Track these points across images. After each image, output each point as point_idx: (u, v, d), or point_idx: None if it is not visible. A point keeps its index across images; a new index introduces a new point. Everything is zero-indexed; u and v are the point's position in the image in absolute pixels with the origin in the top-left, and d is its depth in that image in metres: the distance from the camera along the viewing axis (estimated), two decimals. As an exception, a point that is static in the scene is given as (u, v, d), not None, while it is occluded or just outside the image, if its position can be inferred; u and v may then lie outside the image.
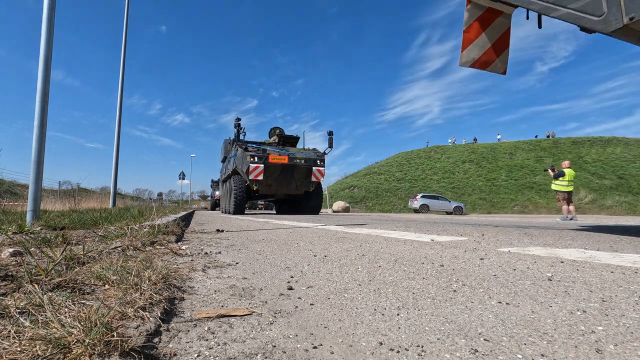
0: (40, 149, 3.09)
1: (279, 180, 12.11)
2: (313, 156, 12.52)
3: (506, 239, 2.56)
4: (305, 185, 12.67)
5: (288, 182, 12.32)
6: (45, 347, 0.58)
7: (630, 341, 0.70)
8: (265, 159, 11.47)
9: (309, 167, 12.26)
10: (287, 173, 12.00)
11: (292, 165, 11.95)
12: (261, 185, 11.91)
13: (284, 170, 11.90)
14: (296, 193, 12.95)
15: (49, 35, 3.21)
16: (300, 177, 12.37)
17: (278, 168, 11.77)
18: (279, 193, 12.73)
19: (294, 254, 1.99)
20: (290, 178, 12.25)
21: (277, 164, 11.71)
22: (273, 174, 11.83)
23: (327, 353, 0.67)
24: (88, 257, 1.37)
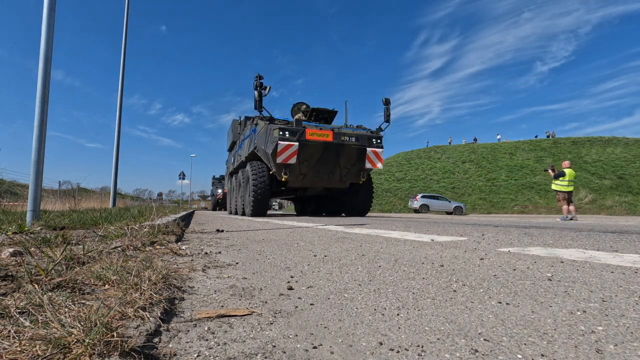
0: (40, 149, 3.09)
1: (317, 167, 8.46)
2: (366, 133, 8.74)
3: (506, 239, 2.56)
4: (353, 174, 9.00)
5: (331, 169, 8.64)
6: (45, 347, 0.58)
7: (630, 341, 0.70)
8: (300, 134, 7.82)
9: (362, 147, 8.47)
10: (330, 156, 8.36)
11: (339, 145, 8.25)
12: (293, 174, 8.26)
13: (327, 151, 8.23)
14: (339, 186, 9.27)
15: (49, 35, 3.21)
16: (349, 162, 8.62)
17: (318, 148, 8.10)
18: (315, 186, 9.07)
19: (294, 254, 1.99)
20: (334, 164, 8.56)
21: (317, 142, 8.00)
22: (311, 157, 8.19)
23: (327, 353, 0.67)
24: (88, 257, 1.37)
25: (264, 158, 8.71)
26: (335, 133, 8.24)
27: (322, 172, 8.71)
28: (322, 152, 8.26)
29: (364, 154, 8.63)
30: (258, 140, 8.93)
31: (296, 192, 10.15)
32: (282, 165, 8.02)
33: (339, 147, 8.33)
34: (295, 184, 8.79)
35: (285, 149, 7.71)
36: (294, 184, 8.81)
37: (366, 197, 9.88)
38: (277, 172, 8.25)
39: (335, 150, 8.33)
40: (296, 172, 8.41)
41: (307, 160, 8.29)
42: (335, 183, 9.12)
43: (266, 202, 8.75)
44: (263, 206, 8.74)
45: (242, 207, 10.20)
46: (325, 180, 8.95)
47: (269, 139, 8.02)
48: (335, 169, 8.76)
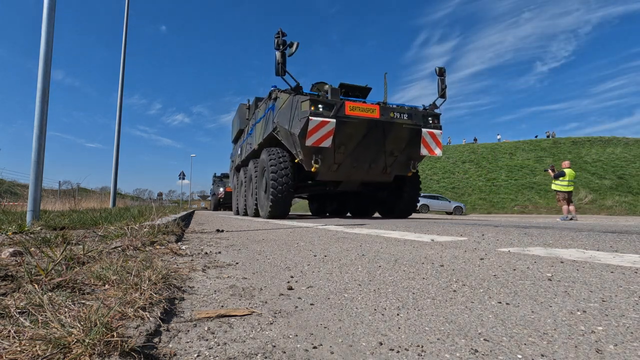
0: (40, 149, 3.09)
1: (357, 153, 6.49)
2: (420, 110, 6.84)
3: (506, 239, 2.56)
4: (400, 163, 6.97)
5: (374, 156, 6.63)
6: (45, 347, 0.58)
7: (630, 341, 0.70)
8: (338, 108, 5.94)
9: (416, 128, 6.53)
10: (374, 139, 6.39)
11: (387, 124, 6.29)
12: (325, 163, 6.31)
13: (371, 132, 6.29)
14: (381, 180, 7.22)
15: (49, 35, 3.21)
16: (398, 146, 6.66)
17: (361, 128, 6.18)
18: (351, 179, 7.08)
19: (294, 254, 1.99)
20: (378, 149, 6.54)
21: (359, 120, 6.08)
22: (350, 140, 6.25)
23: (327, 353, 0.67)
24: (88, 257, 1.37)
25: (286, 142, 6.76)
26: (382, 108, 6.24)
27: (363, 160, 6.61)
28: (364, 133, 6.20)
29: (418, 137, 6.57)
30: (279, 118, 6.82)
31: (325, 188, 7.70)
32: (313, 149, 6.04)
33: (388, 126, 6.27)
34: (326, 176, 6.75)
35: (318, 127, 5.74)
36: (324, 177, 6.76)
37: (412, 195, 7.76)
38: (305, 160, 6.22)
39: (381, 130, 6.25)
40: (329, 160, 6.33)
41: (345, 144, 6.24)
42: (376, 175, 7.00)
43: (288, 200, 6.82)
44: (284, 205, 6.81)
45: (253, 206, 8.34)
46: (365, 172, 6.84)
47: (296, 114, 6.04)
48: (380, 157, 6.65)
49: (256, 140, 9.03)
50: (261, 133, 8.46)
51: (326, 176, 6.86)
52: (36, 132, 3.08)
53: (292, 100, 6.34)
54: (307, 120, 5.73)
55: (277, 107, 7.14)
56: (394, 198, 8.05)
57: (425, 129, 6.64)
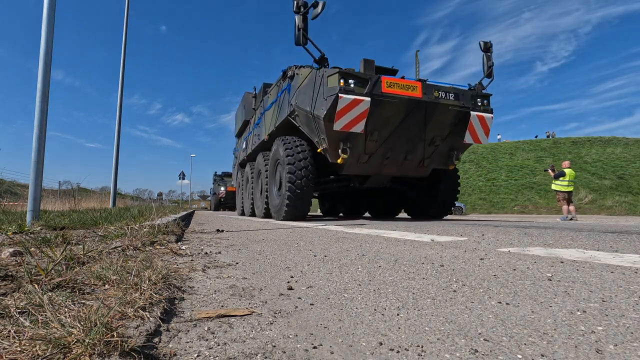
0: (40, 149, 3.09)
1: (392, 141, 5.45)
2: (468, 89, 5.66)
3: (506, 239, 2.56)
4: (440, 154, 5.92)
5: (412, 145, 5.59)
6: (45, 347, 0.58)
7: (630, 341, 0.70)
8: (374, 84, 4.87)
9: (464, 110, 5.45)
10: (413, 123, 5.34)
11: (430, 105, 5.22)
12: (354, 153, 5.30)
13: (411, 115, 5.23)
14: (416, 174, 6.15)
15: (48, 35, 3.21)
16: (440, 133, 5.60)
17: (399, 109, 5.11)
18: (383, 173, 5.97)
19: (294, 254, 1.99)
20: (417, 137, 5.51)
21: (398, 100, 5.00)
22: (385, 124, 5.20)
23: (327, 353, 0.67)
24: (88, 257, 1.37)
25: (306, 128, 5.70)
26: (425, 86, 5.12)
27: (398, 150, 5.54)
28: (403, 116, 5.11)
29: (465, 121, 5.46)
30: (298, 98, 5.71)
31: (348, 185, 6.57)
32: (341, 136, 5.00)
33: (431, 108, 5.19)
34: (353, 169, 5.65)
35: (349, 107, 4.66)
36: (351, 170, 5.66)
37: (449, 193, 6.62)
38: (330, 150, 5.15)
39: (423, 113, 5.20)
40: (359, 149, 5.29)
41: (379, 130, 5.16)
42: (411, 169, 5.92)
43: (308, 199, 5.76)
44: (303, 204, 5.78)
45: (263, 206, 7.31)
46: (398, 165, 5.76)
47: (321, 92, 4.96)
48: (418, 146, 5.58)
49: (266, 129, 7.87)
50: (273, 121, 7.33)
51: (353, 169, 5.69)
52: (36, 132, 3.08)
53: (315, 75, 5.21)
54: (336, 98, 4.62)
55: (295, 86, 5.98)
56: (427, 196, 6.87)
57: (474, 112, 5.47)
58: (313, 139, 5.70)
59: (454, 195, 6.79)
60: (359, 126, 4.88)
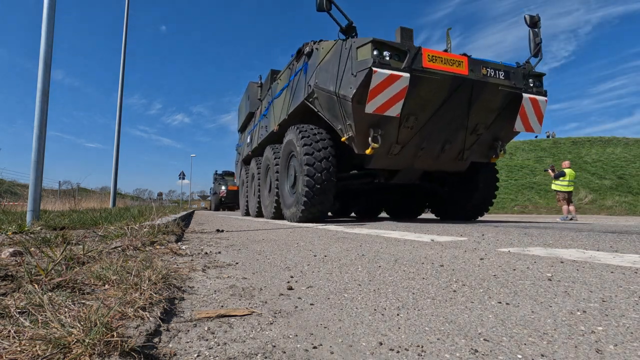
0: (40, 149, 3.09)
1: (429, 129, 4.70)
2: (516, 68, 4.77)
3: (506, 239, 2.56)
4: (483, 145, 5.13)
5: (450, 134, 4.83)
6: (45, 347, 0.58)
7: (630, 341, 0.70)
8: (413, 57, 4.09)
9: (515, 92, 4.64)
10: (455, 107, 4.58)
11: (477, 85, 4.43)
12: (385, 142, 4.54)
13: (454, 96, 4.46)
14: (452, 169, 5.39)
15: (49, 36, 3.21)
16: (485, 119, 4.82)
17: (442, 88, 4.33)
18: (415, 167, 5.20)
19: (294, 253, 1.99)
20: (458, 123, 4.75)
21: (443, 76, 4.23)
22: (424, 107, 4.45)
23: (327, 353, 0.67)
24: (88, 257, 1.37)
25: (328, 112, 4.86)
26: (471, 61, 4.33)
27: (435, 139, 4.75)
28: (445, 97, 4.32)
29: (514, 105, 4.64)
30: (319, 77, 4.85)
31: (373, 181, 5.71)
32: (372, 121, 4.23)
33: (478, 88, 4.37)
34: (382, 162, 4.85)
35: (385, 84, 3.86)
36: (379, 164, 4.88)
37: (488, 190, 5.80)
38: (358, 138, 4.37)
39: (468, 94, 4.40)
40: (391, 138, 4.49)
41: (417, 114, 4.35)
42: (448, 162, 5.12)
43: (329, 196, 4.95)
44: (323, 202, 4.95)
45: (272, 205, 6.55)
46: (434, 157, 4.97)
47: (349, 66, 4.16)
48: (458, 135, 4.79)
49: (275, 119, 7.01)
50: (284, 108, 6.49)
51: (382, 162, 4.87)
52: (36, 132, 3.08)
53: (341, 47, 4.39)
54: (369, 74, 3.84)
55: (314, 63, 5.14)
56: (461, 194, 6.02)
57: (526, 94, 4.61)
58: (335, 126, 4.86)
59: (494, 193, 5.92)
60: (395, 108, 4.01)
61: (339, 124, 4.74)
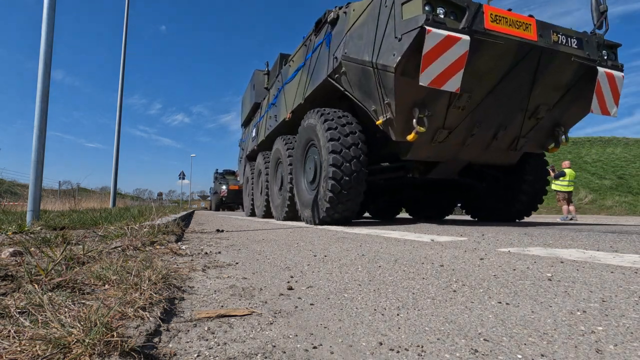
0: (40, 149, 3.09)
1: (484, 109, 3.77)
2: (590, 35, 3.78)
3: (506, 239, 2.56)
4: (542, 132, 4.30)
5: (506, 116, 3.94)
6: (45, 347, 0.58)
7: (630, 341, 0.70)
8: (474, 15, 3.19)
9: (589, 63, 3.67)
10: (518, 81, 3.65)
11: (546, 53, 3.49)
12: (430, 125, 3.59)
13: (518, 67, 3.52)
14: (501, 161, 4.60)
15: (49, 35, 3.21)
16: (549, 98, 3.93)
17: (506, 56, 3.41)
18: (459, 158, 4.41)
19: (294, 254, 1.99)
20: (518, 102, 3.85)
21: (508, 40, 3.30)
22: (482, 80, 3.51)
23: (327, 353, 0.67)
24: (88, 257, 1.37)
25: (358, 90, 4.07)
26: (540, 24, 3.55)
27: (489, 123, 3.94)
28: (507, 68, 3.56)
29: (588, 81, 3.82)
30: (349, 45, 4.04)
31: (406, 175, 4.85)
32: (418, 98, 3.50)
33: (547, 56, 3.60)
34: (421, 152, 4.09)
35: (441, 48, 3.12)
36: (418, 154, 4.11)
37: (539, 184, 4.98)
38: (399, 120, 3.61)
39: (534, 65, 3.61)
40: (438, 121, 3.72)
41: (471, 90, 3.55)
42: (497, 153, 4.35)
43: (359, 192, 4.16)
44: (352, 200, 4.17)
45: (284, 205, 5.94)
46: (483, 146, 4.18)
47: (391, 28, 3.41)
48: (515, 118, 3.98)
49: (288, 106, 6.17)
50: (299, 92, 5.61)
51: (423, 152, 4.08)
52: (36, 132, 3.08)
53: (379, 5, 3.57)
54: (421, 34, 3.07)
55: (341, 31, 4.30)
56: (504, 190, 5.15)
57: (602, 68, 3.76)
58: (368, 107, 4.00)
59: (545, 188, 5.07)
60: (454, 81, 3.16)
61: (373, 104, 3.87)
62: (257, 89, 8.99)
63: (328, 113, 4.47)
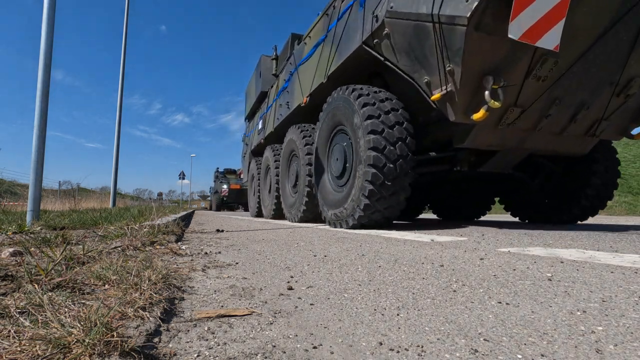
0: (40, 149, 3.09)
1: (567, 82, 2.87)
2: None
3: (506, 239, 2.56)
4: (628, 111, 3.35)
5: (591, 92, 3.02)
6: (45, 347, 0.58)
7: (630, 341, 0.70)
8: None
9: None
10: (617, 40, 2.72)
11: None
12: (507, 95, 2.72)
13: (621, 22, 2.61)
14: (574, 151, 3.68)
15: (49, 35, 3.21)
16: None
17: (612, 5, 2.55)
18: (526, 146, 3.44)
19: (294, 254, 1.99)
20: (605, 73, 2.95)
21: None
22: (578, 37, 2.64)
23: (327, 353, 0.67)
24: (88, 257, 1.37)
25: (406, 56, 3.31)
26: None
27: (570, 100, 3.16)
28: (607, 25, 2.75)
29: None
30: None
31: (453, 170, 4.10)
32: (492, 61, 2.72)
33: None
34: (484, 139, 3.35)
35: None
36: (479, 140, 3.37)
37: (608, 178, 4.23)
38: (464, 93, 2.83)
39: (636, 23, 2.80)
40: (511, 95, 2.91)
41: (564, 52, 2.69)
42: (570, 140, 3.63)
43: (405, 185, 3.45)
44: (397, 194, 3.46)
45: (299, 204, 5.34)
46: (557, 131, 3.42)
47: None
48: (601, 93, 3.21)
49: (304, 89, 5.42)
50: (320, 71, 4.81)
51: (485, 138, 3.32)
52: (36, 132, 3.08)
53: None
54: None
55: None
56: (564, 186, 4.39)
57: None
58: (418, 79, 3.19)
59: (616, 182, 4.26)
60: (552, 35, 2.44)
61: (426, 74, 3.08)
62: (264, 77, 8.12)
63: (361, 88, 3.75)
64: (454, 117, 2.97)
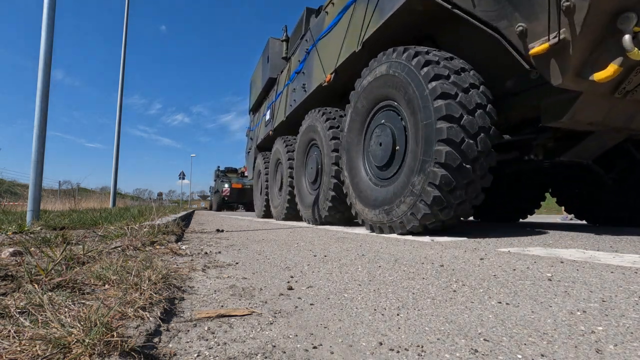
0: (40, 149, 3.09)
1: None
2: None
3: (506, 239, 2.56)
4: None
5: None
6: (45, 347, 0.58)
7: (630, 341, 0.70)
8: None
9: None
10: None
11: None
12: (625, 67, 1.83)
13: None
14: None
15: (49, 35, 3.21)
16: None
17: None
18: (632, 125, 2.44)
19: (294, 253, 1.99)
20: None
21: None
22: None
23: (327, 353, 0.67)
24: (88, 257, 1.37)
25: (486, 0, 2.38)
26: None
27: None
28: None
29: None
30: None
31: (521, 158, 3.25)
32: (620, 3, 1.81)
33: None
34: (589, 112, 2.37)
35: None
36: (584, 115, 2.38)
37: None
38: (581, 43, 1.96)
39: None
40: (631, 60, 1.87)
41: None
42: None
43: (478, 190, 2.66)
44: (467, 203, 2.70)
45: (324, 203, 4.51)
46: None
47: None
48: None
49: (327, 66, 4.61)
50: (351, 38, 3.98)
51: (592, 112, 2.44)
52: (36, 132, 3.08)
53: None
54: None
55: None
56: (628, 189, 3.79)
57: None
58: (508, 29, 2.35)
59: None
60: None
61: (521, 19, 2.26)
62: (272, 62, 7.25)
63: (427, 52, 2.82)
64: (560, 80, 2.15)
